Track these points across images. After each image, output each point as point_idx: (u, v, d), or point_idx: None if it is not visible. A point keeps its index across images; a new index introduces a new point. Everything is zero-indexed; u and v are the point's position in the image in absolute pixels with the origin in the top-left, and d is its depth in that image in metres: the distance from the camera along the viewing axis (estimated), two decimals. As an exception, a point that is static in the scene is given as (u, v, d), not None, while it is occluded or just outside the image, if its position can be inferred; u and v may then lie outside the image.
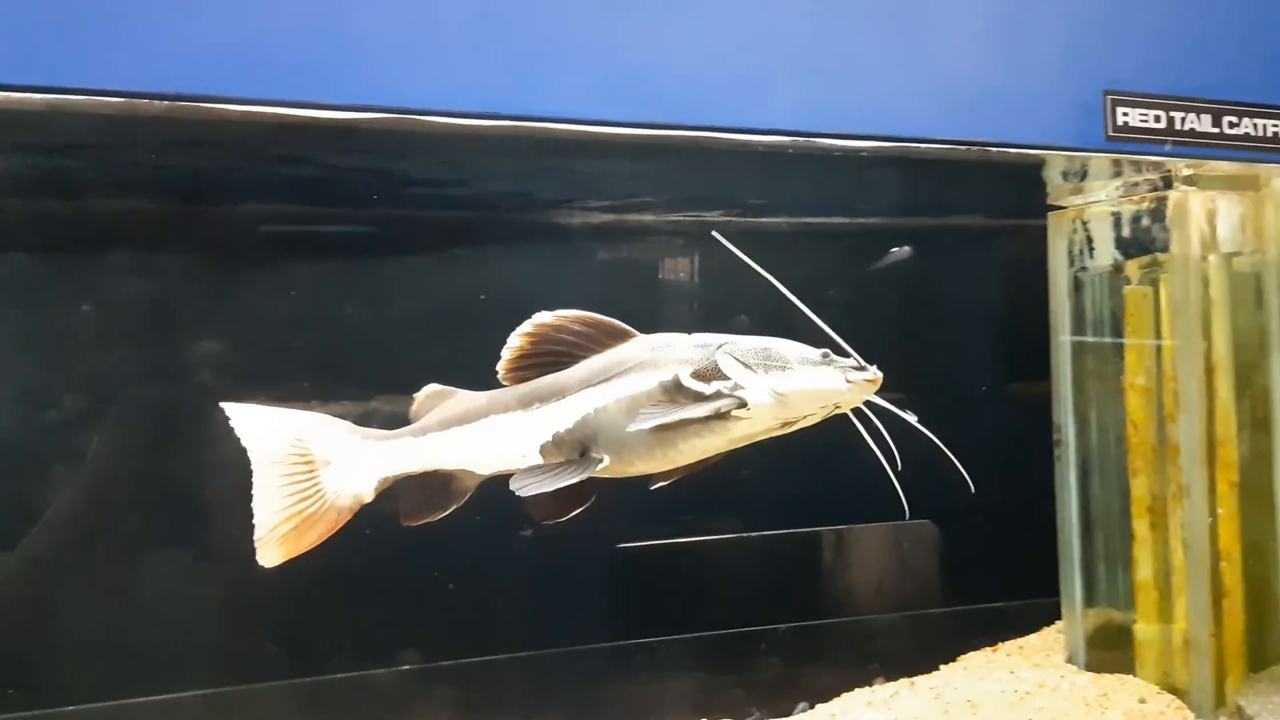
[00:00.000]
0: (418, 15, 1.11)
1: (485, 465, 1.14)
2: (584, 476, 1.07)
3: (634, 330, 1.13)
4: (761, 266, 1.19)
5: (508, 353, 1.13)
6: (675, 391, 1.07)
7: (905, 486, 1.85)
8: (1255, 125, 1.48)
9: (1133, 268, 1.72)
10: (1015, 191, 1.76)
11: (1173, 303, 1.64)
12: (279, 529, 1.09)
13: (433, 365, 1.61)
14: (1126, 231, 1.72)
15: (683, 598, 1.80)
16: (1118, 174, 1.62)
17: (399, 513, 1.17)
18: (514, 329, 1.13)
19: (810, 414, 1.08)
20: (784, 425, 1.09)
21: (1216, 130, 1.46)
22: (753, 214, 1.84)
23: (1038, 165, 1.63)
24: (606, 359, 1.11)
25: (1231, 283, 1.65)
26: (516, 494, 1.08)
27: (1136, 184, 1.66)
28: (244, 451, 1.10)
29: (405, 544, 1.59)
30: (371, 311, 1.66)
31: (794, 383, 1.06)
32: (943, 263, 1.99)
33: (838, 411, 1.09)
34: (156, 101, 1.05)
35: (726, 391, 1.06)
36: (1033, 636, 1.95)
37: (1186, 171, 1.59)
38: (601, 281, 1.79)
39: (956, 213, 1.99)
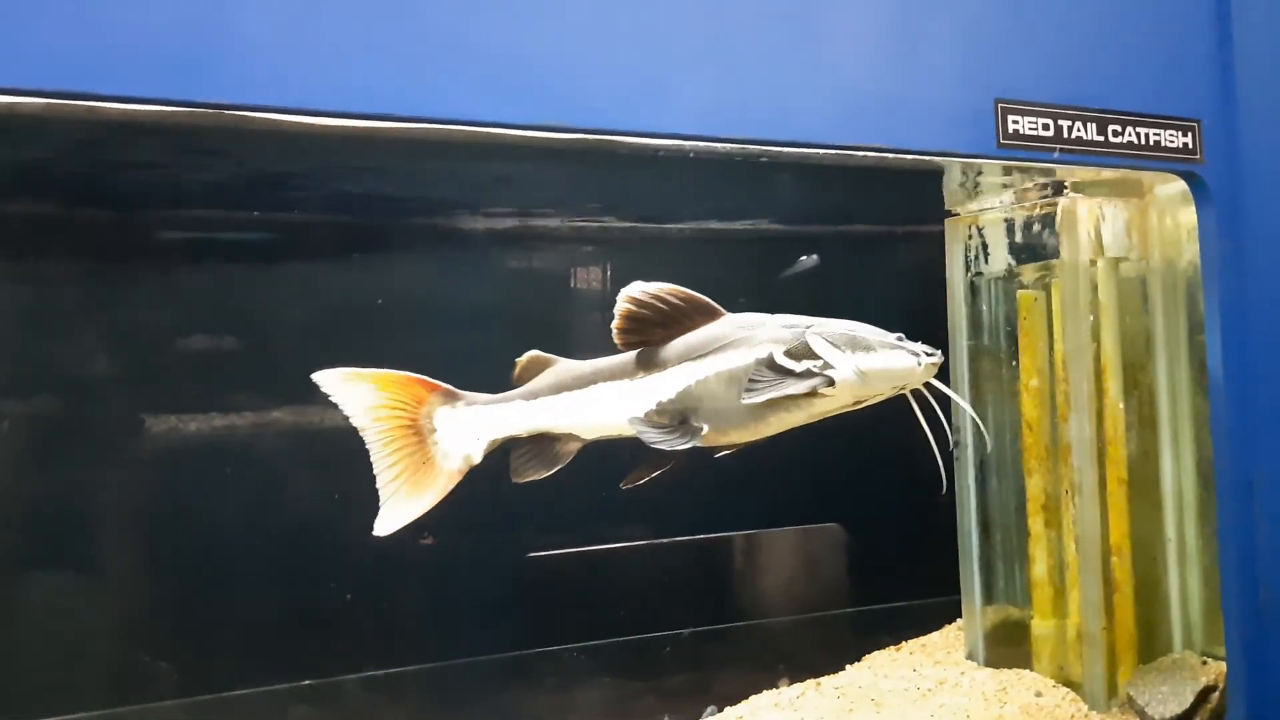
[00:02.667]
0: (309, 10, 1.08)
1: (591, 430, 1.21)
2: (693, 443, 1.16)
3: (722, 309, 1.22)
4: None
5: (617, 314, 1.21)
6: (769, 368, 1.15)
7: (813, 491, 1.88)
8: (1139, 134, 1.53)
9: (1026, 272, 1.78)
10: (915, 198, 1.82)
11: (1063, 306, 1.70)
12: (393, 495, 1.15)
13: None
14: (1019, 237, 1.78)
15: (592, 605, 1.82)
16: (1010, 181, 1.69)
17: (508, 469, 1.24)
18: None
19: (882, 392, 1.18)
20: (857, 402, 1.18)
21: (1102, 139, 1.51)
22: (656, 219, 1.87)
23: (935, 172, 1.70)
24: (702, 335, 1.20)
25: (1119, 287, 1.72)
26: (641, 439, 1.16)
27: (1028, 190, 1.72)
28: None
29: (306, 553, 1.62)
30: (266, 318, 1.64)
31: (876, 363, 1.16)
32: (845, 268, 2.03)
33: (901, 391, 1.20)
34: (33, 99, 1.00)
35: (817, 370, 1.14)
36: (934, 634, 2.00)
37: (1076, 179, 1.66)
38: (506, 288, 1.80)
39: (858, 219, 2.02)
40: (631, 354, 1.21)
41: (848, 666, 1.87)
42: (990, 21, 1.46)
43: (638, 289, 1.20)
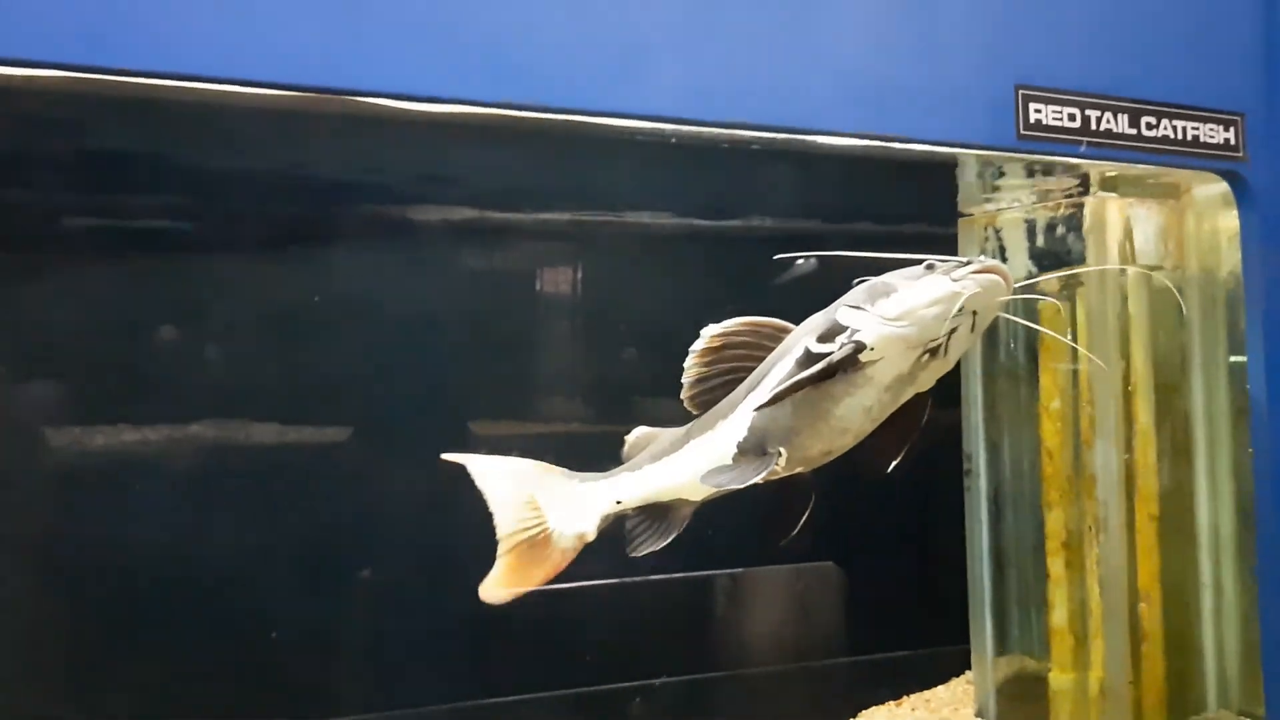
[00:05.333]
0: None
1: (692, 490, 1.26)
2: (765, 473, 1.18)
3: (789, 324, 1.23)
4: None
5: (685, 378, 1.25)
6: (807, 363, 1.14)
7: (805, 525, 1.86)
8: (1175, 128, 1.53)
9: (1048, 281, 1.76)
10: (925, 194, 1.82)
11: (1089, 319, 1.69)
12: (505, 568, 1.27)
13: (260, 382, 1.64)
14: (1041, 241, 1.77)
15: (553, 650, 1.79)
16: (1031, 176, 1.69)
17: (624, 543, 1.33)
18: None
19: (945, 329, 1.12)
20: (927, 354, 1.14)
21: (1134, 131, 1.50)
22: (633, 212, 1.86)
23: (946, 165, 1.69)
24: (766, 361, 1.22)
25: (1151, 298, 1.71)
26: (710, 486, 1.22)
27: (1051, 188, 1.72)
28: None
29: (231, 591, 1.60)
30: (186, 322, 1.62)
31: (902, 303, 1.12)
32: (847, 272, 2.01)
33: (984, 319, 1.15)
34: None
35: (844, 340, 1.13)
36: (940, 688, 1.99)
37: (1104, 176, 1.65)
38: (460, 287, 1.78)
39: (862, 217, 2.01)
40: (715, 406, 1.25)
41: (841, 724, 1.87)
42: (1012, -1, 1.44)
43: (710, 331, 1.24)
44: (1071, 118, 1.47)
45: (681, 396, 1.25)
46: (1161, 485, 1.71)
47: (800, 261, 1.98)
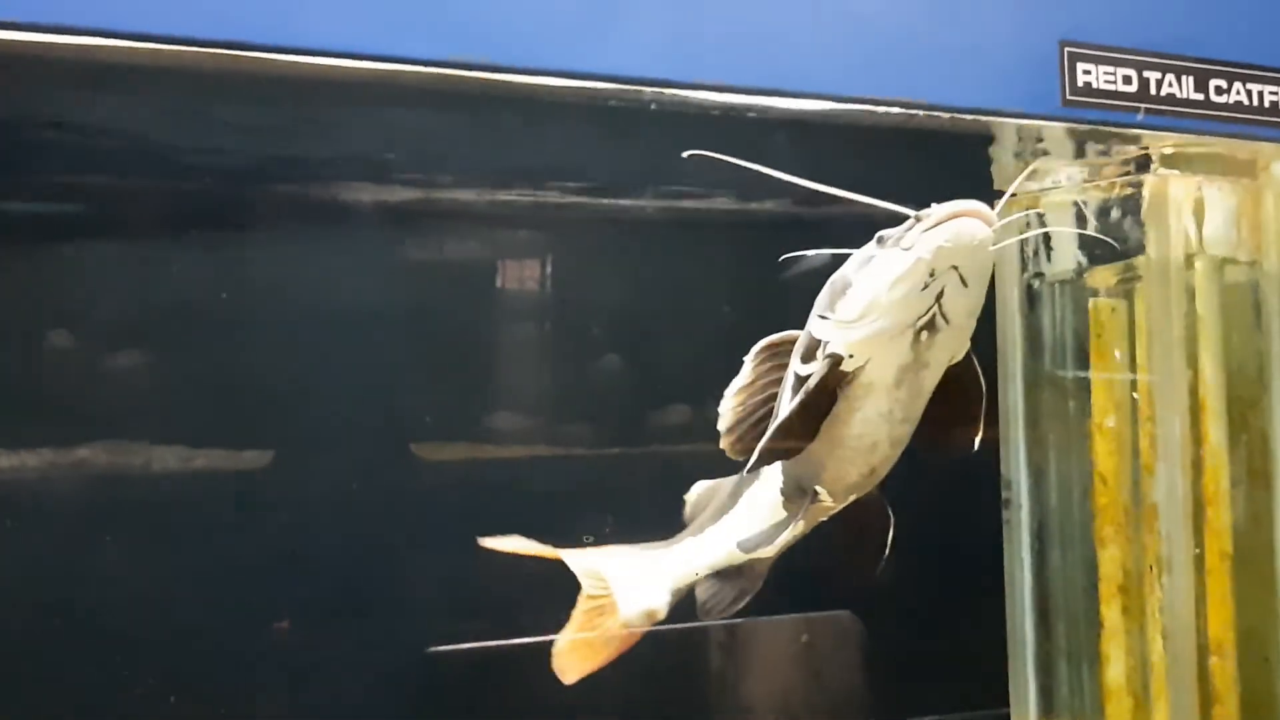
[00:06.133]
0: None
1: (760, 547, 1.32)
2: (800, 519, 1.25)
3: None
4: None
5: (721, 425, 1.28)
6: (799, 388, 1.16)
7: (817, 563, 1.87)
8: (1250, 93, 1.51)
9: (1101, 274, 1.73)
10: (954, 171, 1.74)
11: (1150, 320, 1.64)
12: (572, 647, 1.36)
13: (153, 394, 1.61)
14: (1093, 227, 1.72)
15: (513, 717, 1.75)
16: (1081, 151, 1.65)
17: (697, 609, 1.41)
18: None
19: (928, 302, 1.09)
20: (923, 332, 1.11)
21: (1201, 97, 1.49)
22: (608, 193, 1.84)
23: (981, 137, 1.66)
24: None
25: (1223, 295, 1.66)
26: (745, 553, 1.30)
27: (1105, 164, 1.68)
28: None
29: (126, 639, 1.58)
30: (64, 322, 1.60)
31: (859, 297, 1.11)
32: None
33: (971, 268, 1.11)
34: None
35: (820, 356, 1.14)
36: (975, 760, 1.91)
37: (1167, 150, 1.61)
38: (400, 283, 1.76)
39: (880, 199, 2.03)
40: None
41: (859, 802, 1.79)
42: (1055, -61, 1.38)
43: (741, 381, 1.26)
44: (1127, 80, 1.46)
45: (722, 446, 1.26)
46: (1236, 517, 1.66)
47: (809, 254, 1.98)
